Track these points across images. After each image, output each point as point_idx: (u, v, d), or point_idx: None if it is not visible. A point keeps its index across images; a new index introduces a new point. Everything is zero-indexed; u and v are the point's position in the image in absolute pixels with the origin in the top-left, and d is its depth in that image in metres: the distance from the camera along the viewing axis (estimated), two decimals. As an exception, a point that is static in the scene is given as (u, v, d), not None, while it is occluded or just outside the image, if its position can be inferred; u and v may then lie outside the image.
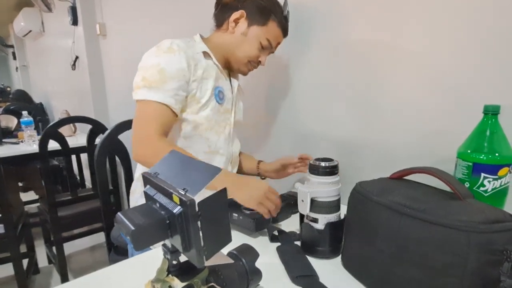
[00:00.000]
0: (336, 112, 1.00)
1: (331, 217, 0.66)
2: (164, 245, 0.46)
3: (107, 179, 1.21)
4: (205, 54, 0.88)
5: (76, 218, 1.83)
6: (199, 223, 0.39)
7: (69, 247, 1.85)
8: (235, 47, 0.89)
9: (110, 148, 1.15)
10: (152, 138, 0.76)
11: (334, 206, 0.67)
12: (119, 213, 0.42)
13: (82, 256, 2.29)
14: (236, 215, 0.78)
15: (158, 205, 0.43)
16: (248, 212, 0.77)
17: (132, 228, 0.39)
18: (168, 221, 0.41)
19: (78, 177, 2.31)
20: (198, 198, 0.39)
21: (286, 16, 0.91)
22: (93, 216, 1.89)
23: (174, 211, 0.39)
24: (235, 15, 0.87)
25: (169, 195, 0.41)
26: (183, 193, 0.39)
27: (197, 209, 0.38)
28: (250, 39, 0.88)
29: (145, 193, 0.46)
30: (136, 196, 0.97)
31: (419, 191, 0.52)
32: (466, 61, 0.71)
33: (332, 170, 0.65)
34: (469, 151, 0.60)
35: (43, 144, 1.63)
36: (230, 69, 0.97)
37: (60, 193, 2.06)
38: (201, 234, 0.39)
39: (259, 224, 0.76)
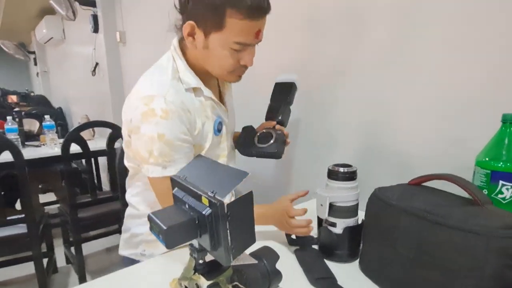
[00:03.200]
0: (354, 118, 1.02)
1: (350, 222, 0.68)
2: (191, 244, 0.48)
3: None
4: (195, 90, 0.75)
5: (95, 220, 1.88)
6: (227, 223, 0.41)
7: (86, 248, 1.91)
8: (205, 63, 0.74)
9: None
10: None
11: (352, 211, 0.68)
12: (150, 213, 0.45)
13: (99, 257, 2.34)
14: (257, 149, 0.86)
15: (187, 206, 0.45)
16: (264, 145, 0.85)
17: (165, 227, 0.41)
18: (197, 221, 0.43)
19: (95, 180, 2.38)
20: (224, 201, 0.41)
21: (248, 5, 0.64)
22: (110, 218, 1.94)
23: (204, 212, 0.42)
24: (185, 28, 0.70)
25: (198, 197, 0.44)
26: (212, 195, 0.41)
27: (226, 210, 0.41)
28: (215, 51, 0.70)
29: (174, 195, 0.49)
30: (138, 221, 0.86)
31: (438, 197, 0.53)
32: (485, 69, 0.72)
33: (351, 176, 0.67)
34: (487, 159, 0.61)
35: (65, 147, 1.69)
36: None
37: (79, 195, 2.12)
38: (229, 234, 0.42)
39: (280, 147, 0.85)
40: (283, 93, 0.94)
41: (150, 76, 0.75)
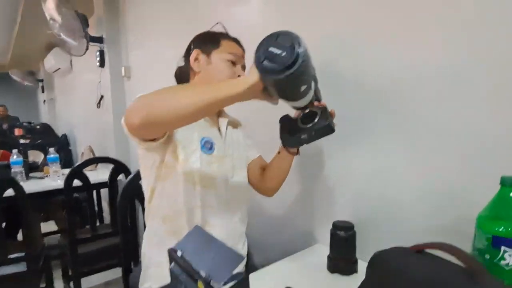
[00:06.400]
0: (352, 174, 1.01)
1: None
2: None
3: (128, 221, 1.25)
4: None
5: (95, 255, 1.87)
6: (222, 311, 0.41)
7: (85, 282, 1.88)
8: (209, 78, 0.93)
9: (131, 193, 1.21)
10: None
11: None
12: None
13: (97, 291, 2.29)
14: (307, 131, 0.80)
15: (184, 287, 0.45)
16: (311, 124, 0.80)
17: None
18: (193, 305, 0.43)
19: (96, 210, 2.37)
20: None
21: (232, 36, 0.98)
22: (110, 253, 1.92)
23: (200, 297, 0.42)
24: (192, 57, 0.94)
25: (194, 279, 0.44)
26: (208, 281, 0.41)
27: (221, 298, 0.40)
28: (217, 63, 0.92)
29: (171, 271, 0.49)
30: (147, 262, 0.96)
31: (438, 267, 0.53)
32: (487, 129, 0.72)
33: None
34: (487, 222, 0.61)
35: (68, 183, 1.72)
36: None
37: (79, 225, 2.11)
38: (224, 321, 0.41)
39: (330, 119, 0.79)
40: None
41: None
